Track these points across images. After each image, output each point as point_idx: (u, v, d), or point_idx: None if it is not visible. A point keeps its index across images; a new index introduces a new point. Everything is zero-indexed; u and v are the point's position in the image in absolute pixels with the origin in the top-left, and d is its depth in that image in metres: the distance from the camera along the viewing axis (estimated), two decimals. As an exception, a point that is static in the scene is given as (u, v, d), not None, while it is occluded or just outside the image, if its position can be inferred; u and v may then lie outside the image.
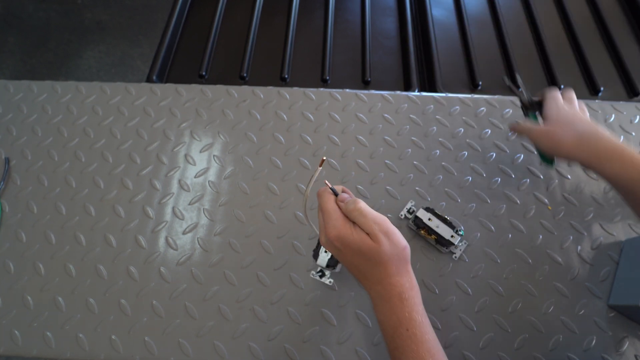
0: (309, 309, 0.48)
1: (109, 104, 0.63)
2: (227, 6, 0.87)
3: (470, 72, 0.76)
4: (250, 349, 0.47)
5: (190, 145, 0.60)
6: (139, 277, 0.51)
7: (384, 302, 0.35)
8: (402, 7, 0.85)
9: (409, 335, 0.34)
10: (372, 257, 0.35)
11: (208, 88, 0.64)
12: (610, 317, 0.48)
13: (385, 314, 0.35)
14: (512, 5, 0.86)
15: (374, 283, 0.36)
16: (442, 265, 0.50)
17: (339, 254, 0.37)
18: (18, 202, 0.56)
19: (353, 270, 0.38)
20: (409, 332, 0.34)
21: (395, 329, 0.34)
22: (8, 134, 0.61)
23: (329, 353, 0.46)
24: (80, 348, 0.47)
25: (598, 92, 0.74)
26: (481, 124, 0.61)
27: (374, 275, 0.36)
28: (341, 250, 0.36)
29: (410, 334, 0.34)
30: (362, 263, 0.36)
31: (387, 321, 0.35)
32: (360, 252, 0.35)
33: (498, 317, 0.48)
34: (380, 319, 0.36)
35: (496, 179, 0.56)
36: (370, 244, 0.35)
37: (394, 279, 0.35)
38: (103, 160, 0.59)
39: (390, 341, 0.35)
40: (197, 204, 0.55)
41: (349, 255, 0.36)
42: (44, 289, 0.50)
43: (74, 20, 1.75)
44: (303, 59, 0.79)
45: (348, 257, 0.36)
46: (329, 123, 0.61)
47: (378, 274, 0.35)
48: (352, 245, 0.35)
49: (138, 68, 1.65)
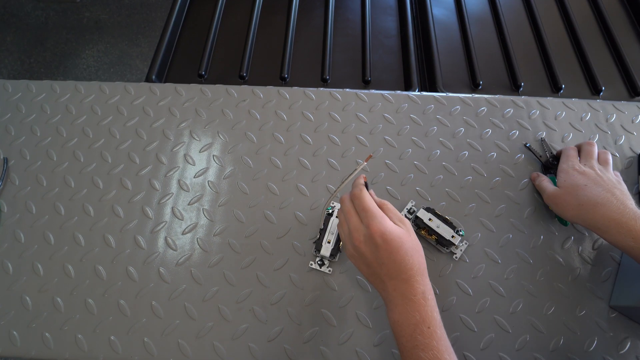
0: (308, 310, 0.48)
1: (107, 104, 0.63)
2: (226, 5, 0.86)
3: (471, 71, 0.76)
4: (250, 350, 0.46)
5: (190, 145, 0.59)
6: (138, 277, 0.50)
7: (407, 301, 0.36)
8: (403, 6, 0.85)
9: (431, 332, 0.35)
10: (407, 253, 0.37)
11: (207, 88, 0.64)
12: (611, 317, 0.47)
13: (406, 313, 0.36)
14: (513, 5, 0.86)
15: (401, 282, 0.37)
16: (443, 265, 0.50)
17: (374, 252, 0.37)
18: (16, 202, 0.55)
19: (379, 270, 0.38)
20: (431, 330, 0.35)
21: (416, 326, 0.35)
22: (6, 133, 0.61)
23: (329, 354, 0.46)
24: (79, 349, 0.47)
25: (599, 91, 0.74)
26: (482, 124, 0.60)
27: (404, 273, 0.37)
28: (379, 247, 0.37)
29: (431, 331, 0.35)
30: (396, 260, 0.37)
31: (407, 320, 0.36)
32: (399, 249, 0.36)
33: (499, 317, 0.48)
34: (398, 319, 0.37)
35: (497, 179, 0.56)
36: (411, 239, 0.38)
37: (421, 277, 0.37)
38: (102, 160, 0.58)
39: (408, 340, 0.36)
40: (196, 204, 0.55)
41: (384, 255, 0.37)
42: (42, 290, 0.50)
43: (72, 19, 1.75)
44: (303, 59, 0.79)
45: (383, 255, 0.37)
46: (329, 123, 0.61)
47: (409, 270, 0.37)
48: (393, 242, 0.36)
49: (137, 67, 1.65)
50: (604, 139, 0.59)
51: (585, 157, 0.50)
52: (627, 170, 0.57)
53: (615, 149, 0.58)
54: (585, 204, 0.45)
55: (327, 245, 0.48)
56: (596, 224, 0.44)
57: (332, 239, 0.46)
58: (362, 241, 0.38)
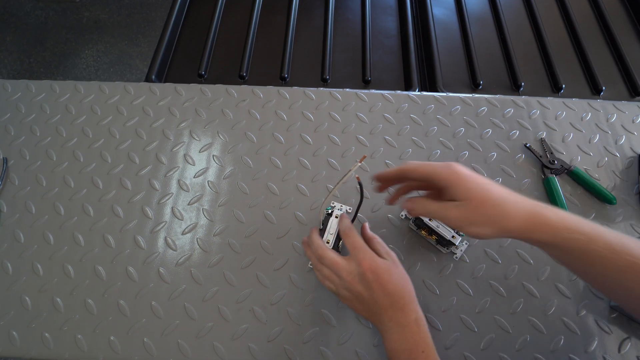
0: (308, 310, 0.48)
1: (107, 104, 0.63)
2: (226, 5, 0.86)
3: (471, 71, 0.76)
4: (250, 350, 0.46)
5: (190, 145, 0.59)
6: (138, 277, 0.50)
7: (402, 328, 0.38)
8: (403, 6, 0.85)
9: (425, 356, 0.37)
10: (397, 283, 0.39)
11: (207, 87, 0.64)
12: (612, 318, 0.47)
13: (401, 341, 0.38)
14: (513, 4, 0.86)
15: (396, 310, 0.38)
16: (443, 265, 0.50)
17: (368, 288, 0.39)
18: (16, 202, 0.55)
19: (374, 305, 0.39)
20: (425, 354, 0.37)
21: (411, 351, 0.37)
22: (6, 133, 0.61)
23: (329, 354, 0.46)
24: (78, 349, 0.47)
25: (600, 91, 0.74)
26: (482, 124, 0.60)
27: (397, 302, 0.38)
28: (371, 283, 0.38)
29: (425, 355, 0.37)
30: (388, 291, 0.38)
31: (402, 347, 0.38)
32: (389, 281, 0.38)
33: (499, 317, 0.47)
34: (394, 347, 0.38)
35: (497, 179, 0.56)
36: (398, 270, 0.40)
37: (413, 305, 0.39)
38: (102, 160, 0.58)
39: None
40: (196, 204, 0.55)
41: (377, 289, 0.38)
42: (42, 290, 0.50)
43: (71, 19, 1.75)
44: (303, 58, 0.79)
45: (376, 290, 0.38)
46: (329, 123, 0.61)
47: (400, 300, 0.39)
48: (384, 275, 0.38)
49: (137, 67, 1.65)
50: (605, 139, 0.59)
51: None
52: (628, 170, 0.57)
53: (616, 149, 0.58)
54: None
55: (327, 245, 0.47)
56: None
57: (331, 239, 0.46)
58: (357, 281, 0.39)
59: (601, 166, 0.57)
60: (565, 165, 0.55)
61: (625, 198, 0.54)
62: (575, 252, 0.34)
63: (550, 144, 0.58)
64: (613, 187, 0.55)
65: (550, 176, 0.54)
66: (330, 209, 0.51)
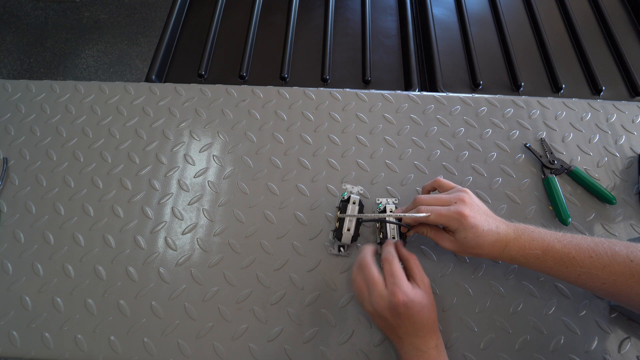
0: (308, 310, 0.48)
1: (107, 104, 0.63)
2: (226, 5, 0.86)
3: (471, 71, 0.76)
4: (250, 350, 0.46)
5: (190, 145, 0.59)
6: (138, 277, 0.50)
7: (421, 353, 0.40)
8: (403, 6, 0.85)
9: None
10: (425, 315, 0.40)
11: (207, 87, 0.64)
12: (612, 318, 0.47)
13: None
14: (513, 4, 0.86)
15: (418, 338, 0.40)
16: (443, 265, 0.50)
17: (393, 317, 0.40)
18: (16, 202, 0.55)
19: (397, 329, 0.41)
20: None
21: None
22: (6, 133, 0.61)
23: (329, 354, 0.46)
24: (78, 349, 0.47)
25: (600, 91, 0.74)
26: (482, 124, 0.60)
27: (421, 331, 0.40)
28: (401, 315, 0.39)
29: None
30: (415, 322, 0.40)
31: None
32: (419, 314, 0.39)
33: (499, 318, 0.47)
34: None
35: (497, 179, 0.56)
36: (429, 300, 0.41)
37: (434, 332, 0.41)
38: (102, 160, 0.58)
39: None
40: (196, 204, 0.55)
41: (404, 320, 0.40)
42: (42, 290, 0.50)
43: (71, 19, 1.75)
44: (303, 58, 0.79)
45: (403, 321, 0.40)
46: (329, 123, 0.61)
47: (425, 328, 0.40)
48: (415, 308, 0.39)
49: (137, 67, 1.65)
50: (604, 139, 0.59)
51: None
52: (628, 170, 0.57)
53: (616, 149, 0.58)
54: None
55: (348, 233, 0.48)
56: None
57: (351, 226, 0.48)
58: (386, 307, 0.40)
59: (601, 166, 0.57)
60: (565, 165, 0.55)
61: (625, 198, 0.54)
62: (534, 267, 0.41)
63: (550, 144, 0.58)
64: (613, 187, 0.55)
65: (550, 176, 0.54)
66: (347, 194, 0.51)
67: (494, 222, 0.42)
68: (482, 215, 0.42)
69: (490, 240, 0.41)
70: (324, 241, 0.52)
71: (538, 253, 0.40)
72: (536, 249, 0.40)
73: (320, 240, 0.52)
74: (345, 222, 0.48)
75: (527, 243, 0.41)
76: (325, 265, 0.50)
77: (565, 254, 0.39)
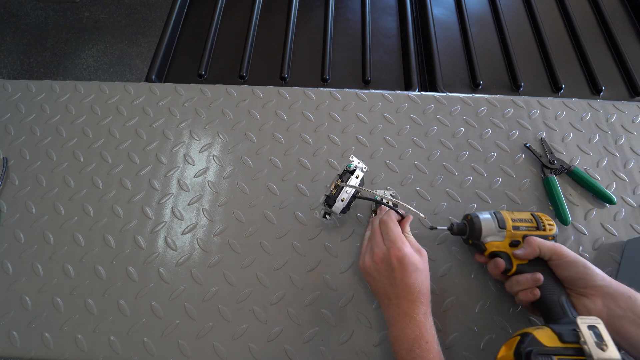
0: (308, 310, 0.48)
1: (107, 104, 0.63)
2: (226, 5, 0.86)
3: (471, 71, 0.76)
4: (250, 350, 0.46)
5: (190, 145, 0.59)
6: (138, 277, 0.50)
7: (409, 318, 0.40)
8: (403, 6, 0.85)
9: (429, 347, 0.38)
10: (418, 278, 0.41)
11: (207, 87, 0.64)
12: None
13: (407, 328, 0.40)
14: (513, 4, 0.86)
15: (407, 302, 0.41)
16: (443, 265, 0.50)
17: (389, 271, 0.42)
18: (16, 202, 0.55)
19: (388, 288, 0.42)
20: (429, 345, 0.39)
21: (415, 340, 0.39)
22: (6, 133, 0.61)
23: (328, 354, 0.46)
24: (78, 349, 0.47)
25: (600, 91, 0.74)
26: (482, 124, 0.60)
27: (411, 295, 0.41)
28: (394, 269, 0.41)
29: (429, 345, 0.39)
30: (407, 282, 0.41)
31: (407, 335, 0.40)
32: (411, 274, 0.41)
33: (499, 317, 0.47)
34: (398, 333, 0.40)
35: (497, 179, 0.56)
36: (423, 267, 0.42)
37: (425, 301, 0.41)
38: (102, 160, 0.58)
39: (407, 352, 0.39)
40: (196, 204, 0.55)
41: (397, 276, 0.41)
42: (42, 290, 0.50)
43: (71, 19, 1.75)
44: (303, 58, 0.79)
45: (397, 277, 0.41)
46: (329, 123, 0.61)
47: (415, 294, 0.41)
48: (408, 267, 0.41)
49: (137, 67, 1.65)
50: (604, 139, 0.59)
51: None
52: (628, 170, 0.57)
53: (616, 149, 0.58)
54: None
55: (341, 203, 0.48)
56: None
57: (346, 198, 0.47)
58: (381, 259, 0.43)
59: (601, 166, 0.57)
60: (565, 165, 0.55)
61: (625, 198, 0.54)
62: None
63: (550, 144, 0.58)
64: (613, 187, 0.55)
65: (550, 176, 0.54)
66: (353, 166, 0.50)
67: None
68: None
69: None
70: (324, 241, 0.52)
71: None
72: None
73: (320, 240, 0.52)
74: (342, 191, 0.48)
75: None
76: (325, 265, 0.50)
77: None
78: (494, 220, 0.45)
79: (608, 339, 0.33)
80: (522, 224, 0.45)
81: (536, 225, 0.45)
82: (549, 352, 0.34)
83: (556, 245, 0.42)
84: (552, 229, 0.45)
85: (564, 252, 0.41)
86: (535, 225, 0.45)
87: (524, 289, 0.42)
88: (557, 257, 0.41)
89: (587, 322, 0.35)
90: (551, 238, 0.45)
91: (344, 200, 0.47)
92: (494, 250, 0.45)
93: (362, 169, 0.50)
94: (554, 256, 0.41)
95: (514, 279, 0.43)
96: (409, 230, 0.47)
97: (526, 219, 0.45)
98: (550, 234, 0.45)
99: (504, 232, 0.45)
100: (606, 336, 0.33)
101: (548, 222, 0.45)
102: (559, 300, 0.40)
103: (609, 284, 0.39)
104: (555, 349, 0.34)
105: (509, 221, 0.45)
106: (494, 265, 0.44)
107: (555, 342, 0.34)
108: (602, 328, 0.34)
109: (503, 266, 0.43)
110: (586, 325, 0.34)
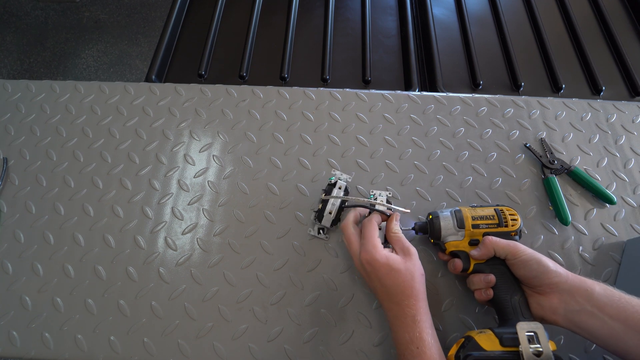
0: (309, 310, 0.48)
1: (107, 104, 0.63)
2: (226, 5, 0.86)
3: (471, 71, 0.76)
4: (250, 350, 0.46)
5: (190, 145, 0.59)
6: (138, 277, 0.50)
7: (398, 322, 0.40)
8: (403, 6, 0.85)
9: (419, 352, 0.37)
10: (396, 279, 0.40)
11: (207, 87, 0.64)
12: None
13: (398, 332, 0.40)
14: (513, 4, 0.86)
15: (393, 304, 0.41)
16: (443, 265, 0.50)
17: (365, 275, 0.44)
18: (16, 202, 0.55)
19: (375, 291, 0.44)
20: (419, 350, 0.38)
21: (406, 345, 0.38)
22: (6, 133, 0.61)
23: (329, 354, 0.46)
24: (78, 349, 0.47)
25: (600, 91, 0.74)
26: (482, 124, 0.60)
27: (394, 297, 0.40)
28: (369, 274, 0.42)
29: (420, 351, 0.37)
30: (386, 284, 0.41)
31: (400, 338, 0.39)
32: (386, 276, 0.41)
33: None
34: (394, 335, 0.41)
35: (497, 179, 0.56)
36: (403, 266, 0.41)
37: (413, 301, 0.40)
38: (102, 160, 0.58)
39: (401, 355, 0.39)
40: (196, 204, 0.55)
41: (374, 280, 0.42)
42: (42, 290, 0.50)
43: (71, 19, 1.75)
44: (303, 58, 0.79)
45: (374, 281, 0.42)
46: (329, 123, 0.61)
47: (399, 295, 0.40)
48: (381, 269, 0.41)
49: (137, 67, 1.65)
50: (604, 139, 0.59)
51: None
52: (628, 170, 0.57)
53: (616, 149, 0.58)
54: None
55: (329, 215, 0.50)
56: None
57: (333, 210, 0.49)
58: (359, 265, 0.44)
59: (601, 166, 0.57)
60: (565, 165, 0.55)
61: (625, 198, 0.54)
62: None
63: (550, 144, 0.58)
64: (613, 187, 0.55)
65: (550, 176, 0.54)
66: (334, 178, 0.52)
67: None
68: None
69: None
70: (324, 241, 0.52)
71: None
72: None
73: (320, 240, 0.52)
74: (328, 204, 0.49)
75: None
76: (325, 265, 0.50)
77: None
78: (453, 220, 0.45)
79: (545, 345, 0.35)
80: (483, 222, 0.44)
81: (497, 222, 0.44)
82: (487, 356, 0.36)
83: (511, 244, 0.41)
84: (516, 224, 0.44)
85: (518, 250, 0.40)
86: (497, 222, 0.44)
87: (479, 289, 0.42)
88: (512, 256, 0.40)
89: (525, 328, 0.37)
90: (514, 234, 0.44)
91: (331, 212, 0.49)
92: (452, 249, 0.45)
93: (345, 180, 0.53)
94: (509, 255, 0.41)
95: (469, 279, 0.44)
96: (396, 229, 0.45)
97: (488, 216, 0.44)
98: (514, 229, 0.44)
99: (463, 231, 0.44)
100: (543, 341, 0.35)
101: (512, 217, 0.44)
102: (510, 301, 0.40)
103: (564, 280, 0.38)
104: (493, 354, 0.36)
105: (469, 220, 0.44)
106: (452, 265, 0.45)
107: (496, 345, 0.37)
108: (540, 333, 0.36)
109: (461, 266, 0.44)
110: (524, 331, 0.37)
